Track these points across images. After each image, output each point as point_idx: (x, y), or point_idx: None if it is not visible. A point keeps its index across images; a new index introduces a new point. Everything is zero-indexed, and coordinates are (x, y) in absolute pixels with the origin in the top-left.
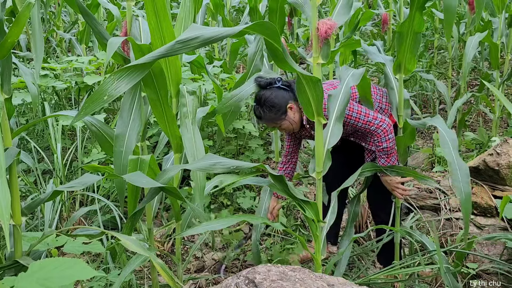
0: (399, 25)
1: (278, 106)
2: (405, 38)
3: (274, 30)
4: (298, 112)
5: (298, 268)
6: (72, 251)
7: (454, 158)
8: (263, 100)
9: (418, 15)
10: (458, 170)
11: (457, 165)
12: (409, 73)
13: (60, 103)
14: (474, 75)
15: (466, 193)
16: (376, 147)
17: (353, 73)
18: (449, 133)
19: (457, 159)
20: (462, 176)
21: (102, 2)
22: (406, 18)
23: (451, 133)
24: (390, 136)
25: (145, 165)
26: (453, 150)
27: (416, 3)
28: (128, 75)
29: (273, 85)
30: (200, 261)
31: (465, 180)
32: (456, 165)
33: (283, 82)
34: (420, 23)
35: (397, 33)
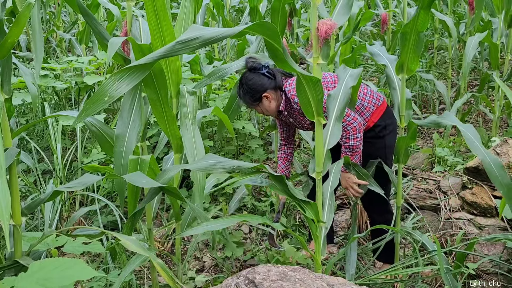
0: (403, 25)
1: (254, 92)
2: (409, 38)
3: (274, 30)
4: (275, 101)
5: (298, 268)
6: (72, 251)
7: (484, 153)
8: (244, 82)
9: (423, 14)
10: (491, 164)
11: (489, 159)
12: (412, 73)
13: (60, 103)
14: (474, 75)
15: (506, 184)
16: (343, 142)
17: (351, 73)
18: (468, 128)
19: (487, 154)
20: (498, 169)
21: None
22: (410, 18)
23: (470, 128)
24: (358, 135)
25: (145, 165)
26: (480, 145)
27: (422, 2)
28: (129, 75)
29: (257, 70)
30: (200, 261)
31: (501, 173)
32: (488, 160)
33: (269, 70)
34: (424, 22)
35: (400, 33)
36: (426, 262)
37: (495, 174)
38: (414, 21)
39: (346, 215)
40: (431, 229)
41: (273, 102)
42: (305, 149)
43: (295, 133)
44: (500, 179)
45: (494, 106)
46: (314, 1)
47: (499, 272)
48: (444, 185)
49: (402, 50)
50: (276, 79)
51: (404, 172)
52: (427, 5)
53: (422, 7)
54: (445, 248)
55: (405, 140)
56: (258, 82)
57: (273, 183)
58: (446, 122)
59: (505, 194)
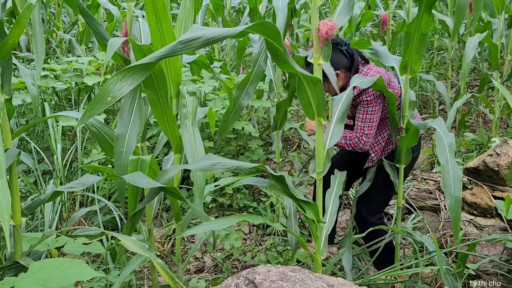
0: (407, 26)
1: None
2: (412, 39)
3: (275, 30)
4: (342, 81)
5: (298, 268)
6: (72, 251)
7: (448, 161)
8: None
9: (426, 15)
10: (450, 173)
11: (450, 168)
12: (415, 74)
13: (60, 103)
14: (474, 76)
15: (456, 198)
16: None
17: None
18: (448, 136)
19: (451, 163)
20: (454, 180)
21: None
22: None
23: (449, 136)
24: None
25: (145, 165)
26: (449, 153)
27: (424, 4)
28: (131, 75)
29: (337, 45)
30: (200, 261)
31: (456, 185)
32: (449, 168)
33: (348, 49)
34: (427, 24)
35: (404, 34)
36: (426, 263)
37: (450, 183)
38: (417, 22)
39: (346, 215)
40: (431, 229)
41: (341, 81)
42: (305, 149)
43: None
44: (452, 191)
45: (494, 107)
46: (315, 1)
47: (499, 273)
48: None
49: (405, 50)
50: (353, 60)
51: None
52: (429, 6)
53: (425, 8)
54: (445, 249)
55: (406, 140)
56: (334, 58)
57: (273, 183)
58: (432, 125)
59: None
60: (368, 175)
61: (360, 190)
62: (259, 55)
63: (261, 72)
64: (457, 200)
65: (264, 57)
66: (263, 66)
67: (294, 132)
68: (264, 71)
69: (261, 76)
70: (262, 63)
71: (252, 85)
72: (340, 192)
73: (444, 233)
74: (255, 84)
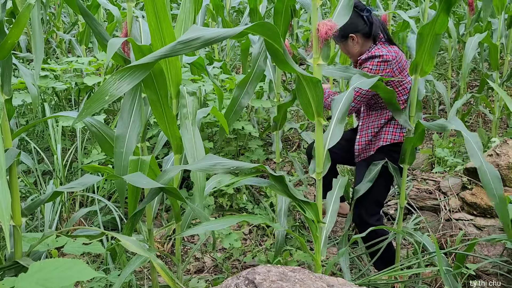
0: (421, 26)
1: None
2: (425, 39)
3: (275, 31)
4: (359, 47)
5: (298, 268)
6: (72, 251)
7: (482, 162)
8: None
9: (442, 16)
10: (487, 173)
11: (486, 168)
12: (425, 75)
13: (60, 104)
14: (474, 76)
15: (500, 197)
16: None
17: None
18: (472, 136)
19: (485, 163)
20: (493, 179)
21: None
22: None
23: (474, 136)
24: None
25: (145, 166)
26: (480, 153)
27: (443, 4)
28: (130, 75)
29: (359, 10)
30: (200, 261)
31: (496, 184)
32: (485, 169)
33: (369, 16)
34: (443, 24)
35: (417, 34)
36: (426, 263)
37: (490, 184)
38: (433, 22)
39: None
40: (431, 229)
41: (357, 46)
42: (305, 149)
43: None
44: (494, 190)
45: (494, 107)
46: (315, 2)
47: (499, 273)
48: (444, 186)
49: (417, 51)
50: (372, 27)
51: None
52: (447, 8)
53: (442, 9)
54: (445, 249)
55: (412, 140)
56: (352, 21)
57: (273, 184)
58: (453, 127)
59: (497, 205)
60: (368, 175)
61: (359, 191)
62: (258, 55)
63: (261, 72)
64: (501, 199)
65: (263, 57)
66: (263, 66)
67: (294, 132)
68: (264, 71)
69: (261, 76)
70: (261, 63)
71: (252, 85)
72: (341, 193)
73: (444, 233)
74: (255, 84)
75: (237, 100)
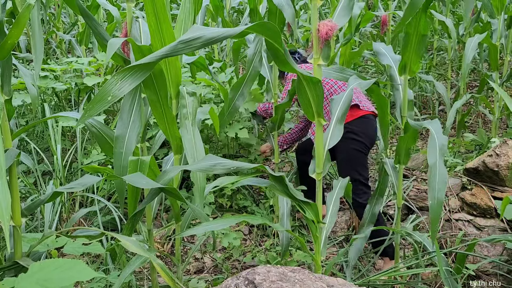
0: (406, 26)
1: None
2: (411, 40)
3: (275, 30)
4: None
5: (297, 269)
6: (72, 252)
7: (436, 163)
8: None
9: (423, 17)
10: (437, 175)
11: (437, 170)
12: (413, 74)
13: (60, 104)
14: (474, 77)
15: (438, 200)
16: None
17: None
18: (441, 138)
19: (439, 165)
20: (440, 182)
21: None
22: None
23: (442, 139)
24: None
25: (145, 166)
26: (439, 155)
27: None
28: (131, 75)
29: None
30: (200, 262)
31: (441, 187)
32: (436, 170)
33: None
34: (425, 25)
35: (403, 34)
36: (426, 263)
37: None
38: (416, 23)
39: (345, 216)
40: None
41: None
42: None
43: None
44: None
45: (493, 107)
46: (315, 2)
47: (498, 273)
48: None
49: (404, 51)
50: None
51: (404, 173)
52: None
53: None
54: (444, 249)
55: (405, 140)
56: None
57: (273, 184)
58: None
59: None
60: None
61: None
62: (254, 56)
63: (256, 73)
64: (439, 203)
65: (259, 58)
66: (258, 67)
67: None
68: (259, 72)
69: (256, 77)
70: (257, 64)
71: (247, 86)
72: (341, 194)
73: (443, 233)
74: (250, 85)
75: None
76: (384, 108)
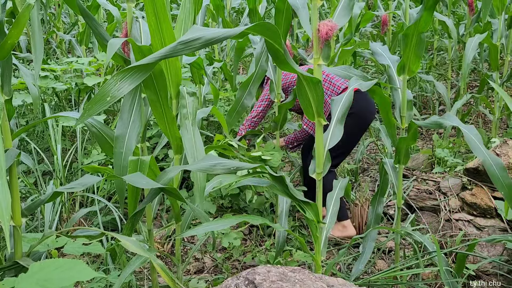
0: (406, 27)
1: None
2: (410, 39)
3: (275, 31)
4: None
5: (298, 269)
6: (72, 252)
7: (485, 155)
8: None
9: (426, 15)
10: (493, 165)
11: (490, 160)
12: (413, 74)
13: (60, 104)
14: (474, 77)
15: (508, 185)
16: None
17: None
18: (471, 129)
19: (489, 155)
20: (499, 170)
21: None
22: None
23: (472, 129)
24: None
25: (145, 166)
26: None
27: (426, 3)
28: (130, 76)
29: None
30: (200, 262)
31: (503, 174)
32: (490, 161)
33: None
34: (426, 23)
35: (402, 34)
36: (426, 263)
37: (497, 175)
38: (416, 22)
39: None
40: (430, 230)
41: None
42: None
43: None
44: (502, 180)
45: (493, 107)
46: (315, 2)
47: (498, 273)
48: (444, 186)
49: (403, 51)
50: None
51: (404, 173)
52: (430, 6)
53: (426, 7)
54: (445, 249)
55: (405, 140)
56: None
57: (273, 184)
58: (448, 122)
59: (506, 195)
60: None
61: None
62: (261, 55)
63: (263, 72)
64: (510, 188)
65: (265, 58)
66: (265, 67)
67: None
68: (266, 72)
69: (263, 76)
70: (264, 64)
71: (254, 85)
72: (341, 194)
73: (444, 233)
74: (257, 84)
75: (239, 101)
76: (387, 108)
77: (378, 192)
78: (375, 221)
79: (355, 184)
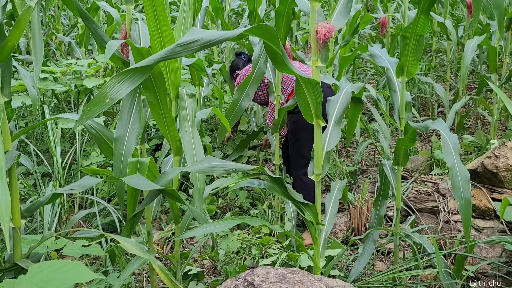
0: (404, 28)
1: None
2: (409, 41)
3: (273, 33)
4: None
5: (297, 270)
6: (71, 253)
7: (455, 162)
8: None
9: (423, 17)
10: (458, 175)
11: (457, 169)
12: (412, 76)
13: (60, 106)
14: (473, 78)
15: (466, 199)
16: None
17: (352, 85)
18: (451, 137)
19: (458, 164)
20: (462, 181)
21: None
22: (410, 21)
23: (453, 137)
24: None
25: (144, 167)
26: (455, 154)
27: (422, 6)
28: (129, 78)
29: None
30: (199, 263)
31: (465, 186)
32: (456, 170)
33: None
34: (424, 26)
35: (400, 36)
36: (425, 265)
37: (459, 186)
38: (414, 24)
39: (345, 217)
40: (429, 231)
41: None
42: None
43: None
44: (462, 192)
45: (492, 109)
46: (313, 4)
47: (497, 275)
48: (442, 188)
49: (402, 53)
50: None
51: (403, 175)
52: (426, 9)
53: (422, 10)
54: (444, 251)
55: (404, 142)
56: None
57: (272, 185)
58: (434, 127)
59: (461, 207)
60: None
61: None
62: (259, 57)
63: (261, 74)
64: (467, 202)
65: (264, 59)
66: (263, 68)
67: None
68: (264, 73)
69: (262, 77)
70: (262, 65)
71: (252, 87)
72: (339, 196)
73: (443, 235)
74: (255, 86)
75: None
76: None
77: (380, 194)
78: (377, 223)
79: (354, 186)
